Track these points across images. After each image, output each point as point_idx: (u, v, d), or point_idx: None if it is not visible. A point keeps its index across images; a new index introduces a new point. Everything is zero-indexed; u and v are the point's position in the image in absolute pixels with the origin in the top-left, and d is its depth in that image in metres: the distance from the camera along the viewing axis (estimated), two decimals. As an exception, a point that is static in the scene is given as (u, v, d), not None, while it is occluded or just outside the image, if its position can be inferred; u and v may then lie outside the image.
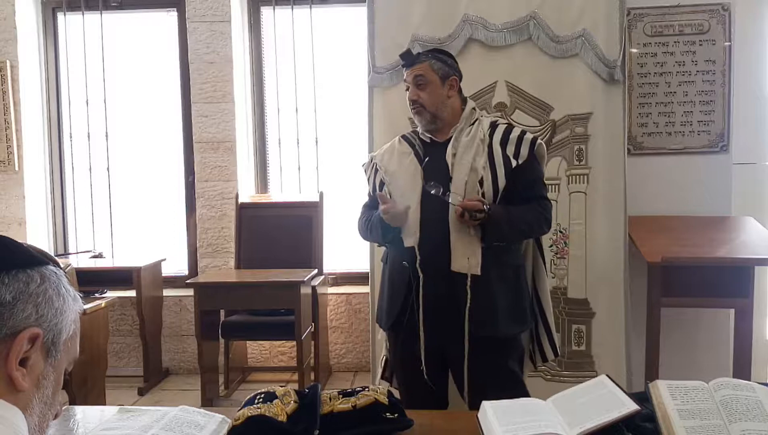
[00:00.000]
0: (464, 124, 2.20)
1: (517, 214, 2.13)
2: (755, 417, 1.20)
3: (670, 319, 3.05)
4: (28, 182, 4.21)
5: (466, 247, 2.08)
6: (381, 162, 2.30)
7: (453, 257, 2.08)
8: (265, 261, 3.86)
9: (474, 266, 2.07)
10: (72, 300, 0.83)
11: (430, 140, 2.24)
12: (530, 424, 1.27)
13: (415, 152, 2.23)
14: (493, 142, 2.17)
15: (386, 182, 2.23)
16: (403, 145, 2.29)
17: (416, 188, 2.14)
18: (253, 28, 4.30)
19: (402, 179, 2.20)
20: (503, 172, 2.13)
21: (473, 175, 2.11)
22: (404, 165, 2.22)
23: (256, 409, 1.32)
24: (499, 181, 2.12)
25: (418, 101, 2.18)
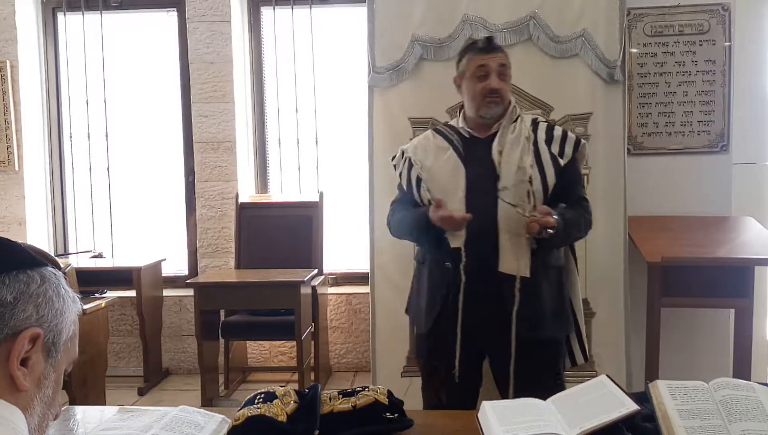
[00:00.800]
0: (508, 121, 2.14)
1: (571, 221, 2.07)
2: (755, 417, 1.20)
3: (670, 319, 3.05)
4: (28, 182, 4.21)
5: (516, 249, 2.03)
6: (415, 156, 2.21)
7: (502, 259, 2.02)
8: (265, 261, 3.86)
9: (523, 268, 2.02)
10: (71, 301, 0.84)
11: (470, 135, 2.16)
12: (530, 424, 1.27)
13: (454, 147, 2.15)
14: (538, 139, 2.12)
15: (424, 178, 2.16)
16: (438, 139, 2.20)
17: (459, 186, 2.08)
18: (253, 28, 4.30)
19: (442, 176, 2.13)
20: (552, 170, 2.09)
21: (521, 173, 2.06)
22: (442, 160, 2.15)
23: (256, 409, 1.32)
24: (548, 179, 2.08)
25: (499, 91, 2.10)
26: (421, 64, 3.00)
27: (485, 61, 2.12)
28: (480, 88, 2.11)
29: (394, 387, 1.47)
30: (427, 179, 2.15)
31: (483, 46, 2.16)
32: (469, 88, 2.16)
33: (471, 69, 2.15)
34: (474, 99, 2.14)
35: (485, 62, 2.12)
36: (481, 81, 2.12)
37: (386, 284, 3.05)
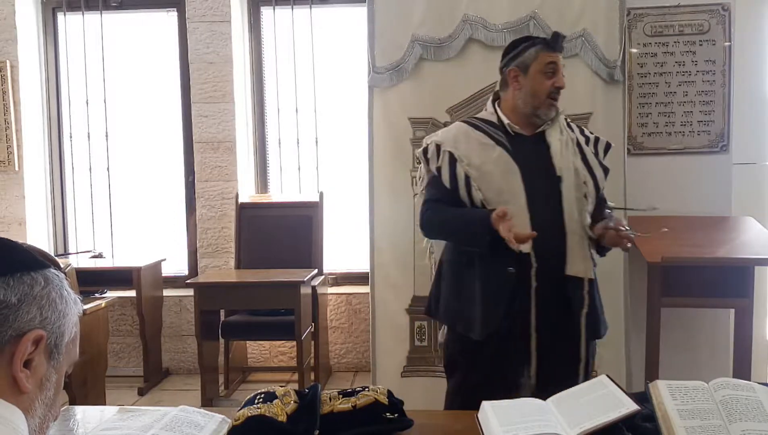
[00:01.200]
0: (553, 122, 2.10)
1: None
2: (755, 417, 1.20)
3: (670, 319, 3.05)
4: (28, 182, 4.21)
5: (583, 251, 2.01)
6: (456, 150, 2.06)
7: (570, 261, 1.98)
8: (265, 261, 3.86)
9: (589, 270, 2.01)
10: (73, 303, 0.84)
11: (514, 132, 2.07)
12: (530, 424, 1.27)
13: (502, 145, 2.04)
14: (580, 141, 2.09)
15: (473, 177, 2.02)
16: (478, 134, 2.07)
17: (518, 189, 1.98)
18: (253, 28, 4.30)
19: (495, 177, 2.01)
20: (600, 172, 2.07)
21: (579, 175, 2.03)
22: (492, 158, 2.03)
23: (256, 409, 1.32)
24: (599, 181, 2.06)
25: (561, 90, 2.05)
26: (421, 64, 3.00)
27: (555, 59, 2.05)
28: (548, 85, 2.03)
29: (394, 387, 1.47)
30: (477, 178, 2.01)
31: (553, 42, 2.06)
32: (535, 83, 2.04)
33: (541, 63, 2.04)
34: (538, 95, 2.04)
35: (555, 59, 2.05)
36: (549, 78, 2.04)
37: (386, 284, 3.05)
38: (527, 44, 2.09)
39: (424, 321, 3.03)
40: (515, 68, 2.08)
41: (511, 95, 2.11)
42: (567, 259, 1.99)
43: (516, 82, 2.09)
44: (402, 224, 3.03)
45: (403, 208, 3.02)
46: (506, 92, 2.13)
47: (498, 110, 2.13)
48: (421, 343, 3.04)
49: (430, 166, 2.13)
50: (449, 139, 2.11)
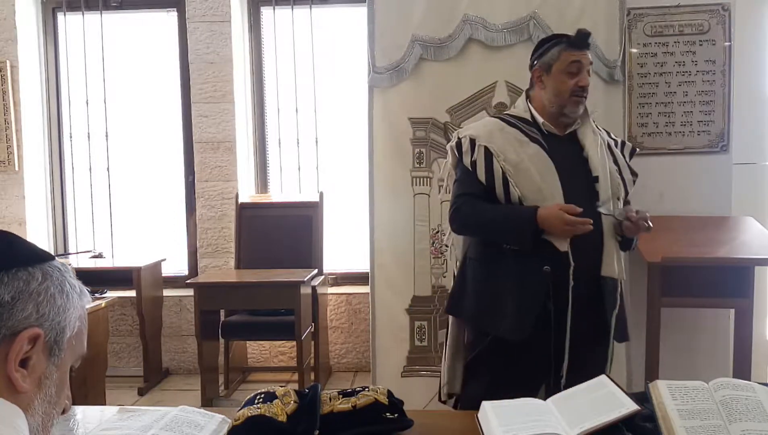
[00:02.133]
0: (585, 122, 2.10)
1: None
2: (755, 417, 1.20)
3: (670, 319, 3.05)
4: (28, 182, 4.21)
5: (615, 252, 2.01)
6: (493, 145, 2.02)
7: (605, 262, 1.98)
8: (265, 261, 3.86)
9: (621, 271, 2.02)
10: (78, 296, 0.82)
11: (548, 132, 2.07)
12: (530, 424, 1.27)
13: (539, 143, 2.03)
14: (611, 144, 2.10)
15: (510, 174, 1.99)
16: (513, 131, 2.06)
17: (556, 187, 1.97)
18: (253, 28, 4.30)
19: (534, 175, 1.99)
20: (629, 174, 2.09)
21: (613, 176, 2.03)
22: (528, 156, 2.01)
23: (256, 409, 1.32)
24: (627, 184, 2.08)
25: (587, 88, 2.03)
26: (421, 64, 3.00)
27: (579, 57, 2.03)
28: (572, 84, 2.02)
29: (394, 387, 1.47)
30: (514, 175, 1.99)
31: (577, 41, 2.04)
32: (557, 82, 2.03)
33: (563, 63, 2.03)
34: (561, 95, 2.03)
35: (579, 58, 2.03)
36: (572, 77, 2.02)
37: (386, 284, 3.05)
38: (551, 43, 2.09)
39: (424, 321, 3.03)
40: (539, 68, 2.09)
41: (538, 94, 2.11)
42: (603, 259, 1.99)
43: (540, 82, 2.09)
44: (402, 224, 3.03)
45: (403, 208, 3.03)
46: (534, 91, 2.14)
47: (531, 108, 2.11)
48: (421, 343, 3.04)
49: (464, 160, 2.07)
50: (484, 134, 2.07)
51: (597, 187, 1.99)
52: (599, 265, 1.98)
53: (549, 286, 1.95)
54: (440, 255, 2.99)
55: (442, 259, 2.99)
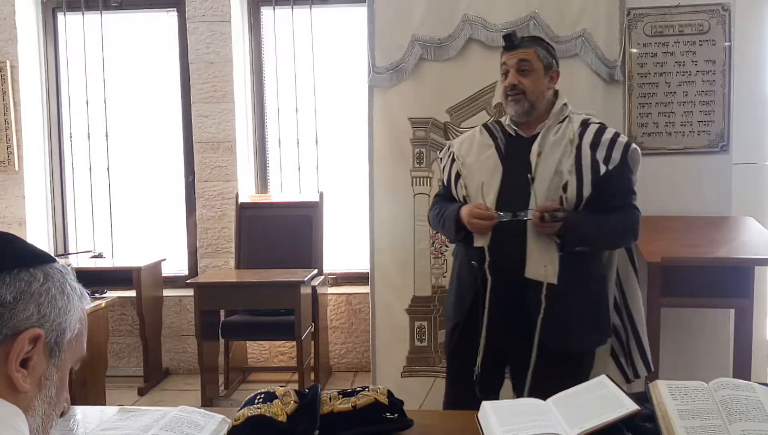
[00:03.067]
0: (553, 121, 2.09)
1: (602, 220, 2.01)
2: (755, 417, 1.20)
3: (670, 319, 3.05)
4: (28, 182, 4.21)
5: (543, 255, 1.98)
6: (459, 152, 2.19)
7: (528, 263, 1.98)
8: (265, 261, 3.86)
9: (551, 274, 1.97)
10: (78, 298, 0.82)
11: (515, 134, 2.12)
12: (530, 424, 1.27)
13: (497, 146, 2.12)
14: (583, 144, 2.04)
15: (462, 175, 2.13)
16: (484, 136, 2.17)
17: (494, 186, 2.05)
18: (253, 28, 4.30)
19: (480, 175, 2.09)
20: (590, 178, 2.00)
21: (557, 178, 2.00)
22: (483, 158, 2.11)
23: (256, 409, 1.32)
24: (584, 188, 2.00)
25: (518, 87, 2.05)
26: (421, 64, 3.00)
27: (504, 59, 2.11)
28: (504, 86, 2.10)
29: (394, 387, 1.47)
30: (465, 175, 2.13)
31: (504, 44, 2.12)
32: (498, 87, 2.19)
33: (500, 66, 2.14)
34: (502, 99, 2.14)
35: (504, 60, 2.11)
36: (505, 79, 2.11)
37: (386, 284, 3.05)
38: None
39: (424, 321, 3.03)
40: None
41: None
42: (527, 260, 1.99)
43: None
44: (402, 224, 3.03)
45: (403, 208, 3.03)
46: None
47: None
48: (421, 343, 3.04)
49: (440, 165, 2.31)
50: (458, 141, 2.27)
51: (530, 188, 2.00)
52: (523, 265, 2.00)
53: (477, 281, 2.04)
54: (440, 255, 3.00)
55: (442, 259, 2.99)
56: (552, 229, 1.95)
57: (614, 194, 2.05)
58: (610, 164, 2.04)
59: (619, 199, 2.06)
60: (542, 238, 1.98)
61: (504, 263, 2.01)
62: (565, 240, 1.98)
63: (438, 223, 2.22)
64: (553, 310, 1.97)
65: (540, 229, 1.96)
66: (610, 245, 2.17)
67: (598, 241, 2.07)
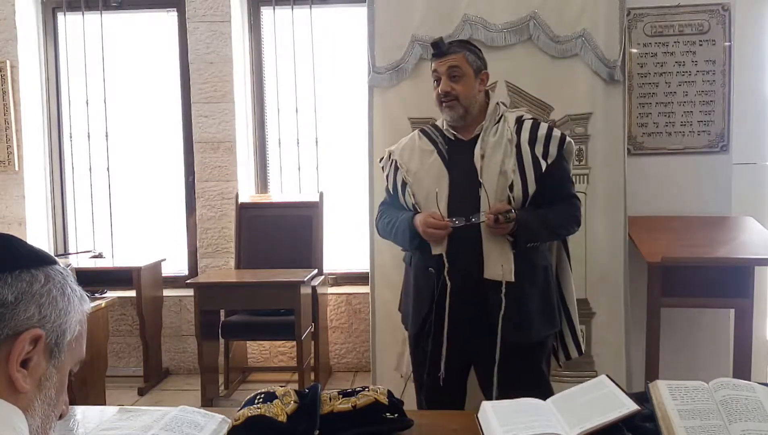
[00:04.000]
0: (490, 122, 2.12)
1: (547, 215, 2.06)
2: (755, 417, 1.20)
3: (670, 319, 3.05)
4: (28, 182, 4.21)
5: (499, 255, 2.02)
6: (401, 159, 2.20)
7: (486, 265, 2.01)
8: (265, 261, 3.86)
9: (508, 273, 2.01)
10: (78, 300, 0.83)
11: (455, 138, 2.15)
12: (530, 424, 1.27)
13: (438, 151, 2.14)
14: (521, 141, 2.08)
15: (409, 183, 2.15)
16: (423, 142, 2.19)
17: (443, 192, 2.06)
18: (253, 28, 4.30)
19: (427, 181, 2.11)
20: (533, 176, 2.05)
21: (503, 178, 2.03)
22: (427, 165, 2.13)
23: (256, 409, 1.32)
24: (528, 185, 2.05)
25: (451, 93, 2.08)
26: (421, 64, 2.99)
27: (435, 66, 2.14)
28: (436, 93, 2.13)
29: (394, 387, 1.47)
30: (411, 184, 2.14)
31: (434, 50, 2.14)
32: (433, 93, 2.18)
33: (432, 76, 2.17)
34: (436, 105, 2.16)
35: (435, 67, 2.14)
36: (437, 86, 2.13)
37: (386, 284, 3.05)
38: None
39: (424, 321, 3.03)
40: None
41: None
42: (484, 262, 2.02)
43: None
44: (402, 224, 3.02)
45: (403, 208, 3.02)
46: None
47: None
48: (421, 343, 3.03)
49: (383, 173, 2.30)
50: (399, 148, 2.27)
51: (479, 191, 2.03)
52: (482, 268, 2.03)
53: (434, 287, 2.05)
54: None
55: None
56: (506, 230, 1.99)
57: (555, 187, 2.10)
58: (549, 159, 2.09)
59: (559, 191, 2.12)
60: (496, 239, 2.02)
61: (462, 267, 2.04)
62: (518, 238, 2.02)
63: (389, 233, 2.22)
64: (513, 307, 2.02)
65: (495, 230, 1.99)
66: (557, 237, 2.21)
67: (546, 235, 2.12)
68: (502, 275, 2.01)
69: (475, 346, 2.09)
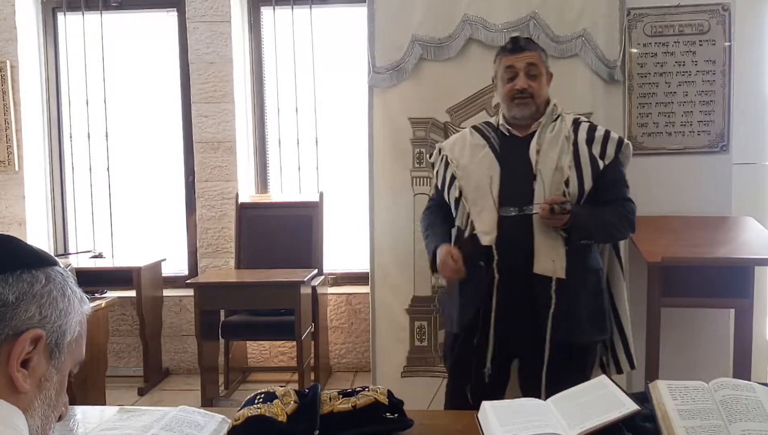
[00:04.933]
0: (548, 120, 2.12)
1: (603, 214, 2.05)
2: (755, 417, 1.20)
3: (670, 319, 3.05)
4: (28, 182, 4.21)
5: (550, 250, 2.00)
6: (452, 154, 2.20)
7: (536, 259, 1.99)
8: (265, 261, 3.86)
9: (559, 269, 1.99)
10: (78, 301, 0.83)
11: (509, 133, 2.14)
12: (530, 424, 1.27)
13: (491, 145, 2.13)
14: (579, 140, 2.09)
15: (458, 177, 2.14)
16: (475, 137, 2.19)
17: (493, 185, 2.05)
18: (253, 28, 4.30)
19: (476, 175, 2.10)
20: (590, 173, 2.05)
21: (558, 174, 2.03)
22: (477, 159, 2.13)
23: (256, 409, 1.32)
24: (585, 182, 2.05)
25: (528, 90, 2.07)
26: (421, 64, 3.00)
27: (512, 62, 2.12)
28: (507, 90, 2.11)
29: (394, 387, 1.47)
30: (460, 177, 2.14)
31: (510, 46, 2.15)
32: (499, 89, 2.18)
33: (500, 71, 2.16)
34: (503, 101, 2.14)
35: (512, 63, 2.12)
36: (509, 82, 2.12)
37: (386, 284, 3.05)
38: (496, 53, 2.24)
39: (424, 321, 3.03)
40: (492, 79, 2.24)
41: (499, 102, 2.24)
42: (534, 256, 2.00)
43: (495, 90, 2.25)
44: (402, 224, 3.03)
45: (403, 208, 3.02)
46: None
47: (500, 114, 2.23)
48: (421, 343, 3.04)
49: (434, 169, 2.29)
50: (449, 144, 2.27)
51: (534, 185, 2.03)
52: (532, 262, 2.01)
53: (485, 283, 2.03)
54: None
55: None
56: (560, 222, 1.97)
57: (610, 188, 2.10)
58: (606, 159, 2.09)
59: (614, 192, 2.12)
60: (549, 233, 1.99)
61: (511, 260, 2.01)
62: (571, 233, 2.00)
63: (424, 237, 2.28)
64: (562, 305, 1.99)
65: (548, 221, 1.97)
66: (610, 237, 2.20)
67: (600, 234, 2.11)
68: (552, 271, 1.99)
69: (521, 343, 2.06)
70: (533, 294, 2.01)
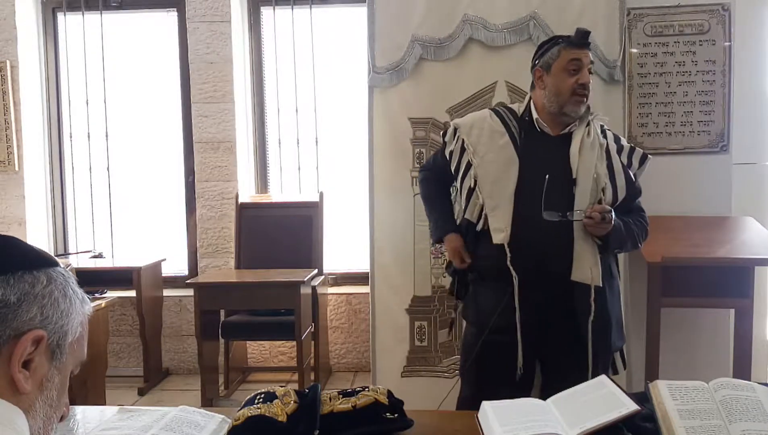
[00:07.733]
0: (583, 123, 2.08)
1: (630, 224, 2.05)
2: (755, 417, 1.20)
3: (670, 319, 3.05)
4: (28, 182, 4.21)
5: (589, 257, 1.97)
6: (468, 138, 2.11)
7: (575, 266, 1.97)
8: (265, 261, 3.86)
9: (597, 277, 1.97)
10: (80, 302, 0.83)
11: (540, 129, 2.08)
12: (530, 424, 1.27)
13: (510, 135, 2.06)
14: (610, 148, 2.07)
15: (474, 165, 2.07)
16: (494, 121, 2.11)
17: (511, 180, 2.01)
18: (253, 28, 4.30)
19: (495, 169, 2.05)
20: (623, 182, 2.04)
21: (597, 180, 2.01)
22: (496, 147, 2.06)
23: (256, 409, 1.32)
24: (618, 191, 2.03)
25: (588, 86, 2.03)
26: (421, 64, 3.00)
27: (578, 55, 2.04)
28: (572, 83, 2.02)
29: (394, 387, 1.47)
30: (477, 165, 2.07)
31: (576, 39, 2.05)
32: (558, 81, 2.05)
33: (563, 61, 2.04)
34: (561, 94, 2.04)
35: (578, 56, 2.04)
36: (572, 75, 2.03)
37: (386, 284, 3.05)
38: (551, 43, 2.12)
39: (424, 321, 3.03)
40: (540, 68, 2.11)
41: (539, 95, 2.13)
42: (573, 264, 1.98)
43: (540, 82, 2.11)
44: (402, 224, 3.03)
45: (403, 208, 3.03)
46: (534, 92, 2.16)
47: (532, 105, 2.14)
48: (421, 343, 3.04)
49: (446, 148, 2.20)
50: (467, 126, 2.16)
51: (574, 190, 2.00)
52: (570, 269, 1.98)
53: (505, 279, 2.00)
54: (440, 255, 2.99)
55: (442, 259, 2.99)
56: (604, 231, 1.95)
57: (633, 199, 2.11)
58: (632, 170, 2.11)
59: (633, 202, 2.13)
60: (588, 241, 1.97)
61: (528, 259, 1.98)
62: (609, 242, 1.99)
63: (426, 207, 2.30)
64: (601, 313, 1.99)
65: (595, 229, 1.94)
66: (634, 247, 2.18)
67: (630, 243, 2.11)
68: (591, 279, 1.97)
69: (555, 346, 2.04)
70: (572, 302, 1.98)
